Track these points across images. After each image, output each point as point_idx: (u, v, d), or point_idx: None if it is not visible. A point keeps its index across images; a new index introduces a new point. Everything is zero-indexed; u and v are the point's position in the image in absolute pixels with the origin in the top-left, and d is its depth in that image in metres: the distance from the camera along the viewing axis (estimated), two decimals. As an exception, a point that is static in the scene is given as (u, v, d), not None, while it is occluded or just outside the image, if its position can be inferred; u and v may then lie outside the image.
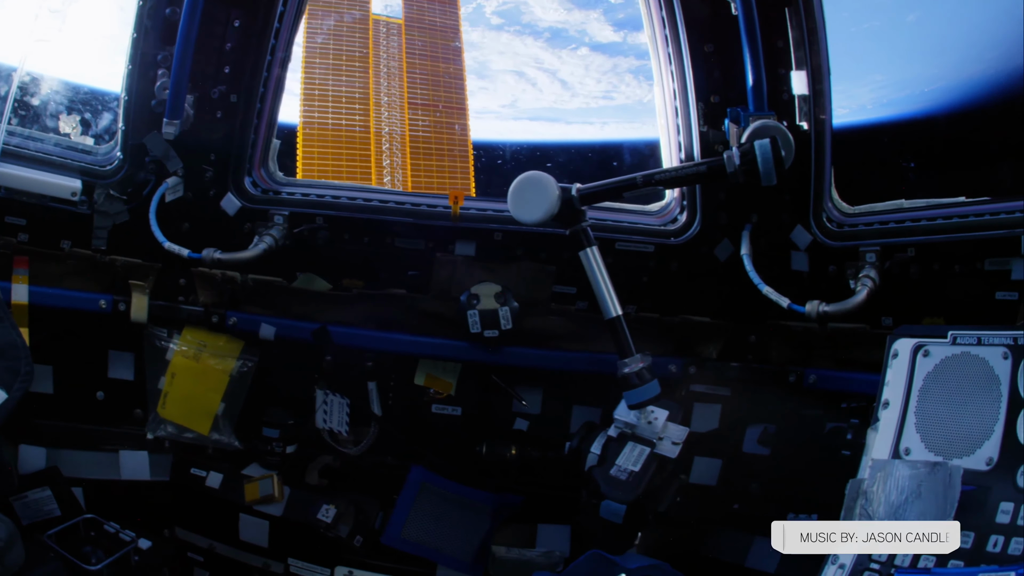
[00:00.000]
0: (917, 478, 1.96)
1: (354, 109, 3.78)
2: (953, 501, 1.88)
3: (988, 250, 2.43)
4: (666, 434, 2.29)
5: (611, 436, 2.31)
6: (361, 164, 3.73)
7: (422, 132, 3.81)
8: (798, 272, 2.53)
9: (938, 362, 2.06)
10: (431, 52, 3.94)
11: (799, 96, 2.39)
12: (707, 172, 2.16)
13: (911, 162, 3.16)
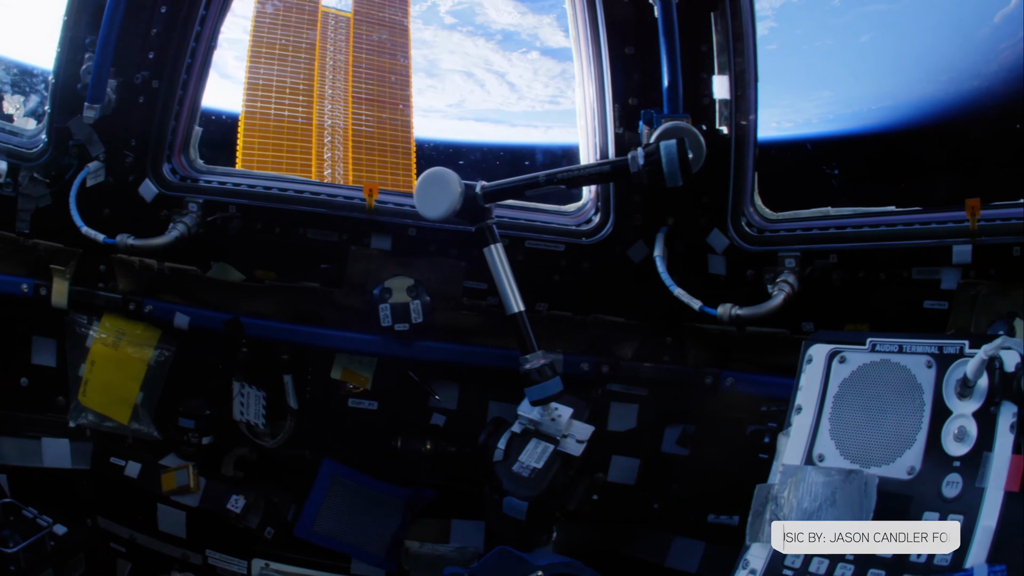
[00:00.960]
0: (831, 485, 1.94)
1: (298, 101, 3.73)
2: (869, 509, 1.87)
3: (916, 259, 2.44)
4: (570, 431, 2.27)
5: (515, 432, 2.28)
6: (302, 156, 3.69)
7: (365, 127, 3.77)
8: (715, 275, 2.53)
9: (855, 369, 2.06)
10: (379, 47, 3.91)
11: (720, 100, 2.39)
12: (610, 172, 2.15)
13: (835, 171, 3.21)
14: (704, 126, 2.38)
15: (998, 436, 1.82)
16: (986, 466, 1.81)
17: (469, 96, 3.94)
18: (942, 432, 1.90)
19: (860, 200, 2.67)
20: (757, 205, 2.54)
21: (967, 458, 1.84)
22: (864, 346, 2.07)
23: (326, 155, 3.67)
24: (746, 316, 2.29)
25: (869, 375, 2.05)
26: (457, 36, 4.03)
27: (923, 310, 2.46)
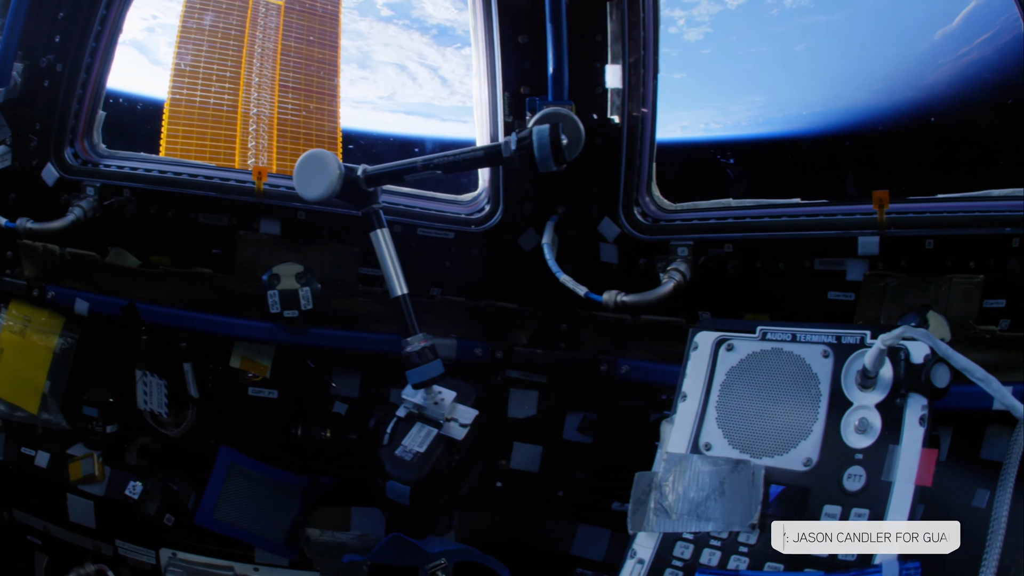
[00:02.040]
0: (719, 475, 1.91)
1: (224, 88, 3.75)
2: (757, 500, 1.85)
3: (819, 250, 2.47)
4: (454, 415, 2.29)
5: (399, 417, 2.30)
6: (226, 145, 3.71)
7: (291, 116, 3.80)
8: (607, 264, 2.56)
9: (744, 357, 2.05)
10: (308, 36, 3.94)
11: (612, 90, 2.40)
12: (484, 157, 2.17)
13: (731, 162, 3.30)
14: (595, 115, 2.42)
15: (905, 429, 1.83)
16: (893, 459, 1.81)
17: (401, 89, 3.98)
18: (841, 424, 1.88)
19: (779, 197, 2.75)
20: (654, 196, 2.58)
21: (870, 451, 1.83)
22: (754, 334, 2.06)
23: (250, 143, 3.71)
24: (632, 303, 2.31)
25: (759, 364, 2.04)
26: (393, 29, 4.06)
27: (828, 301, 2.50)
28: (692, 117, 3.63)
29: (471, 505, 2.82)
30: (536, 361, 2.65)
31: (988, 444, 2.57)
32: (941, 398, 1.85)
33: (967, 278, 2.42)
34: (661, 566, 1.90)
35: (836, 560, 1.76)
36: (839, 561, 1.76)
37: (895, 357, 1.87)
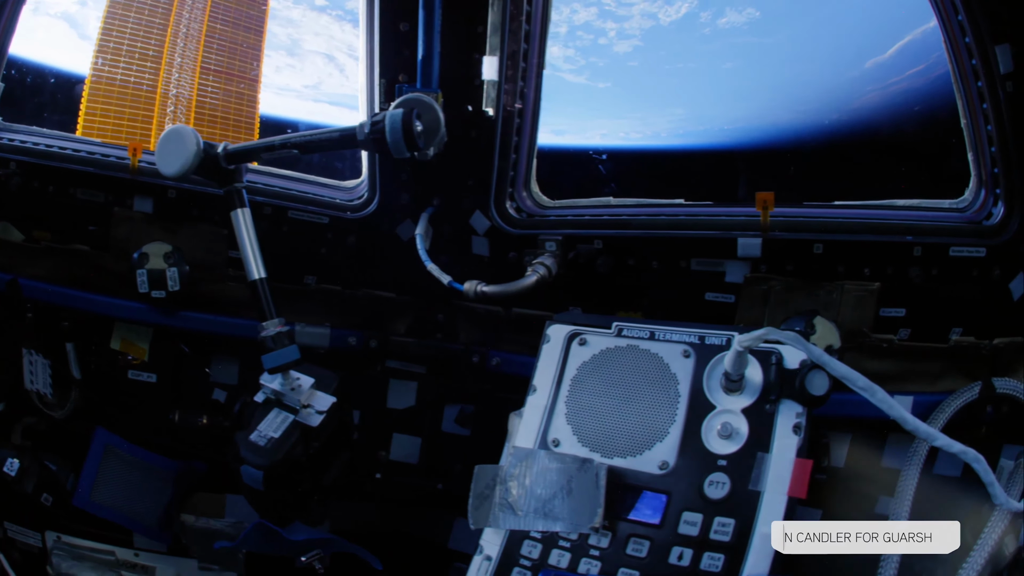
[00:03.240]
0: (566, 473, 1.89)
1: (145, 67, 3.85)
2: (598, 501, 1.84)
3: (696, 250, 2.53)
4: (311, 402, 2.34)
5: (257, 402, 2.36)
6: (143, 125, 3.81)
7: (210, 99, 3.89)
8: (479, 256, 2.64)
9: (597, 352, 2.06)
10: (234, 20, 4.03)
11: (488, 82, 2.46)
12: (338, 138, 2.19)
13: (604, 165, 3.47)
14: (470, 107, 2.49)
15: (777, 437, 1.84)
16: (762, 468, 1.81)
17: (327, 79, 4.07)
18: (703, 427, 1.90)
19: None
20: (533, 192, 2.66)
21: (736, 458, 1.84)
22: (609, 330, 2.08)
23: (167, 125, 3.82)
24: (491, 293, 2.38)
25: (612, 360, 2.06)
26: (325, 19, 4.17)
27: (705, 302, 2.57)
28: (613, 126, 3.85)
29: (349, 496, 2.90)
30: (411, 351, 2.73)
31: (889, 452, 2.63)
32: (819, 406, 1.87)
33: (861, 285, 2.50)
34: (509, 564, 1.92)
35: (698, 570, 1.77)
36: (700, 571, 1.77)
37: (765, 361, 1.90)
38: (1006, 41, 2.16)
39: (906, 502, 2.39)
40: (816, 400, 1.87)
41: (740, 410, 1.90)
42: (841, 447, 2.69)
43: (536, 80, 2.57)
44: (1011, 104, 2.22)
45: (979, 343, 2.54)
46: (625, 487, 1.90)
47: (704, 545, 1.80)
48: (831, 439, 2.67)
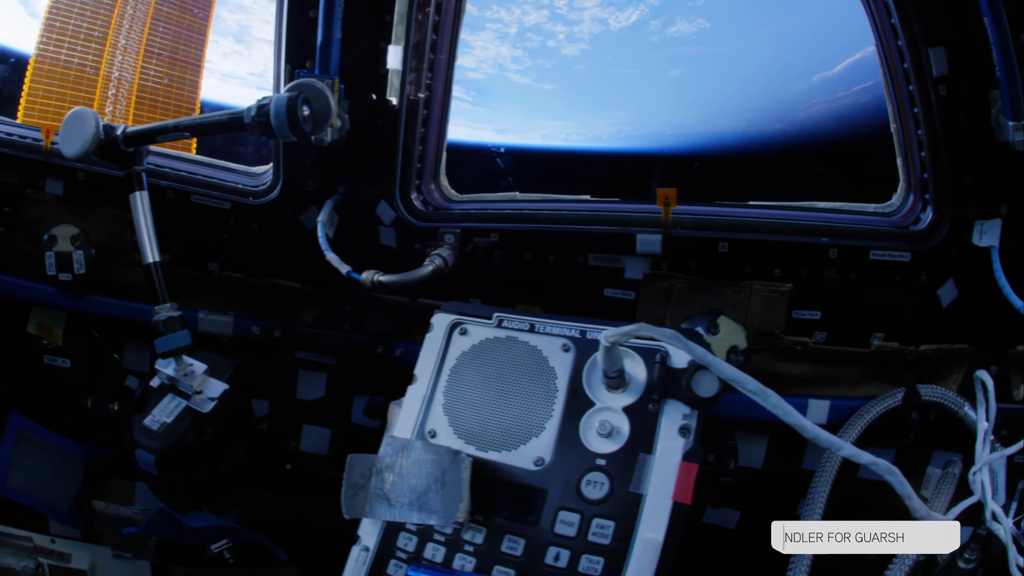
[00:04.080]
0: (441, 465, 1.88)
1: (90, 48, 3.94)
2: (460, 495, 1.82)
3: (594, 245, 2.56)
4: (203, 388, 2.44)
5: (153, 387, 2.45)
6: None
7: (152, 83, 3.99)
8: (386, 247, 2.73)
9: (476, 343, 2.07)
10: (180, 3, 4.12)
11: (392, 71, 2.53)
12: (227, 121, 2.25)
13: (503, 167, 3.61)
14: (375, 95, 2.56)
15: (661, 438, 1.83)
16: (644, 470, 1.80)
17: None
18: (581, 424, 1.89)
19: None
20: (442, 185, 2.75)
21: (616, 457, 1.83)
22: (490, 320, 2.09)
23: (107, 108, 3.91)
24: (387, 283, 2.45)
25: (491, 351, 2.06)
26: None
27: (604, 298, 2.62)
28: (555, 127, 3.99)
29: (259, 486, 2.99)
30: (317, 341, 2.81)
31: (809, 455, 2.71)
32: (708, 408, 1.86)
33: (771, 286, 2.54)
34: (386, 556, 1.94)
35: (576, 571, 1.77)
36: (579, 573, 1.76)
37: (650, 359, 1.90)
38: (941, 44, 2.19)
39: (819, 504, 2.39)
40: (704, 402, 1.86)
41: (621, 408, 1.90)
42: (759, 448, 2.71)
43: (446, 72, 2.65)
44: (943, 108, 2.26)
45: (904, 349, 2.58)
46: (500, 482, 1.91)
47: (582, 547, 1.79)
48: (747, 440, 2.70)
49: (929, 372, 2.64)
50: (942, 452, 2.69)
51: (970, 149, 2.31)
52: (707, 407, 1.87)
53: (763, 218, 2.54)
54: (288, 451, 2.97)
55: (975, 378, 2.54)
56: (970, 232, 2.41)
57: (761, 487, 2.73)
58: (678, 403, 1.86)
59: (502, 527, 1.87)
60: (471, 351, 2.09)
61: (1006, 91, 2.11)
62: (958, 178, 2.37)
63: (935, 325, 2.59)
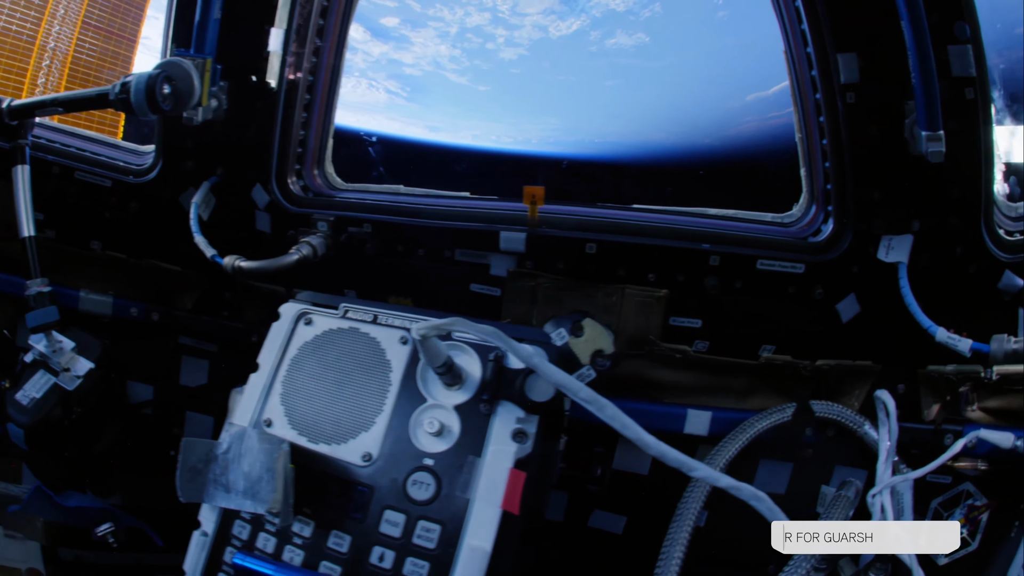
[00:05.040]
0: (273, 455, 1.92)
1: (28, 16, 4.07)
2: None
3: (460, 240, 2.63)
4: (70, 366, 2.55)
5: (26, 362, 2.58)
6: (16, 77, 4.04)
7: (86, 56, 4.11)
8: (262, 232, 2.81)
9: (319, 333, 2.12)
10: (125, -24, 4.23)
11: (272, 53, 2.61)
12: (95, 98, 2.32)
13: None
14: (255, 77, 2.64)
15: (492, 442, 1.85)
16: (473, 474, 1.82)
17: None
18: (411, 421, 1.93)
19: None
20: (327, 171, 2.83)
21: (445, 458, 1.86)
22: (336, 310, 2.14)
23: (40, 80, 4.04)
24: (248, 269, 2.54)
25: (333, 342, 2.09)
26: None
27: (471, 293, 2.68)
28: (486, 128, 4.14)
29: (144, 472, 3.09)
30: (194, 327, 2.91)
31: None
32: (543, 413, 1.88)
33: (645, 291, 2.56)
34: (222, 543, 2.00)
35: (400, 572, 1.81)
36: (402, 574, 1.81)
37: (486, 357, 1.93)
38: (853, 50, 2.19)
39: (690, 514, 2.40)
40: (538, 406, 1.86)
41: (453, 406, 1.92)
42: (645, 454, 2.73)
43: (333, 59, 2.74)
44: (851, 117, 2.27)
45: (798, 363, 2.60)
46: (328, 476, 1.94)
47: (407, 549, 1.83)
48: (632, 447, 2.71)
49: (829, 388, 2.65)
50: (846, 468, 2.71)
51: (881, 161, 2.30)
52: (542, 412, 1.88)
53: (635, 221, 2.57)
54: (172, 438, 3.05)
55: (875, 397, 2.56)
56: (876, 247, 2.40)
57: (647, 493, 2.76)
58: (513, 406, 1.87)
59: (329, 522, 1.92)
60: (313, 341, 2.13)
61: (921, 99, 2.10)
62: (864, 190, 2.36)
63: (834, 340, 2.60)
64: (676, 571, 2.15)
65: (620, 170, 3.90)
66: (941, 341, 2.30)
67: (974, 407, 2.60)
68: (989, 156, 2.26)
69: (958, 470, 2.61)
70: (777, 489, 2.77)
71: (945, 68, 2.11)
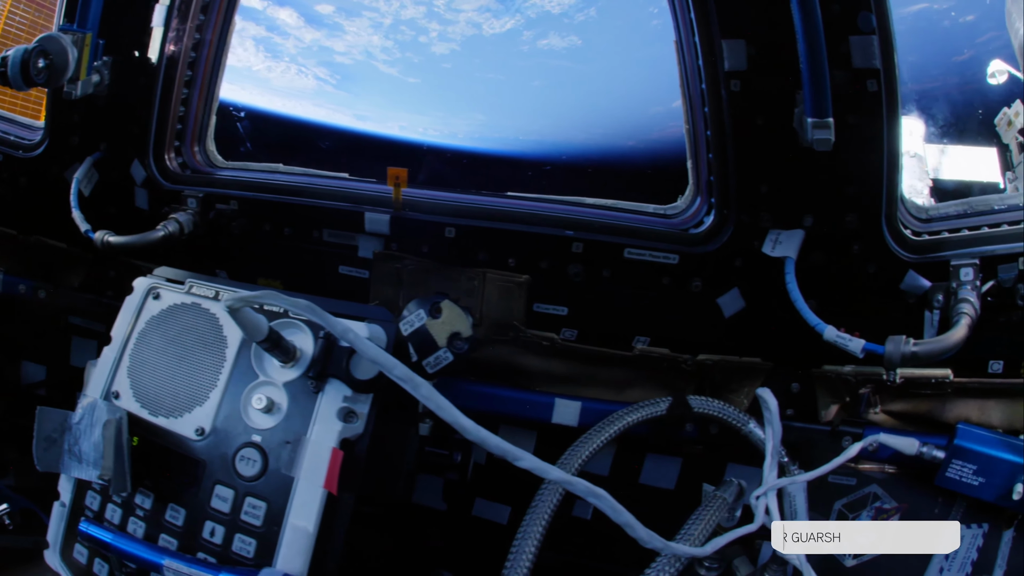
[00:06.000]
0: (116, 426, 2.01)
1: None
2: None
3: (328, 221, 2.67)
4: None
5: None
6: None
7: (16, 29, 4.20)
8: (141, 209, 2.89)
9: (165, 308, 2.22)
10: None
11: (155, 28, 2.66)
12: None
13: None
14: (137, 53, 2.71)
15: (318, 420, 1.91)
16: (298, 452, 1.88)
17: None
18: (243, 396, 2.00)
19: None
20: (208, 149, 2.92)
21: (272, 435, 1.93)
22: (183, 286, 2.25)
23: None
24: (116, 244, 2.64)
25: (176, 317, 2.19)
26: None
27: (340, 275, 2.74)
28: (414, 120, 4.28)
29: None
30: (80, 306, 3.00)
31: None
32: (369, 392, 1.92)
33: (505, 275, 2.61)
34: (77, 513, 2.10)
35: (230, 552, 1.89)
36: (232, 553, 1.89)
37: (316, 334, 1.98)
38: (742, 38, 2.17)
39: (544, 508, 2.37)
40: (363, 385, 1.91)
41: (283, 383, 1.97)
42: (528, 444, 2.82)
43: (218, 36, 2.82)
44: (736, 106, 2.25)
45: (678, 357, 2.60)
46: (165, 450, 2.03)
47: (235, 525, 1.90)
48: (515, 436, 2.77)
49: (715, 384, 2.66)
50: (740, 466, 2.72)
51: (769, 153, 2.29)
52: (367, 390, 1.92)
53: (495, 206, 2.61)
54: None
55: (758, 395, 2.52)
56: (761, 240, 2.39)
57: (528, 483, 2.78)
58: (341, 384, 1.92)
59: (167, 495, 2.00)
60: (159, 315, 2.23)
61: (808, 83, 2.06)
62: (749, 182, 2.35)
63: (718, 335, 2.61)
64: (527, 568, 2.15)
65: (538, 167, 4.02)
66: (829, 340, 2.28)
67: (877, 410, 2.58)
68: (894, 152, 2.23)
69: (864, 472, 2.60)
70: (666, 484, 2.80)
71: (846, 59, 2.09)
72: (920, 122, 4.99)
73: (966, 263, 2.33)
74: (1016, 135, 5.03)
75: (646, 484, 2.81)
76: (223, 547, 1.89)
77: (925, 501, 2.54)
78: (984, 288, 2.33)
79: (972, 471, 2.35)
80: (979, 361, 2.47)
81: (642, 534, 1.75)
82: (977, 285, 2.32)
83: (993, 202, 2.48)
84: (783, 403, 2.57)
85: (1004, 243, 2.34)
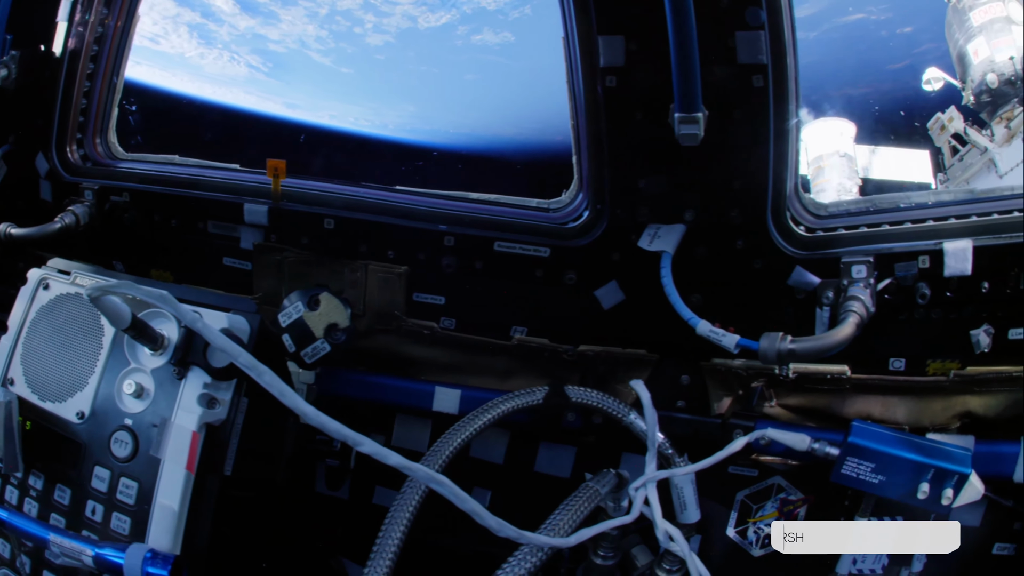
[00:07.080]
0: (8, 409, 2.16)
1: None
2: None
3: (212, 212, 2.81)
4: None
5: None
6: None
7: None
8: (45, 202, 3.08)
9: (53, 297, 2.38)
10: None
11: (60, 22, 2.86)
12: None
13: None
14: (43, 47, 2.90)
15: (181, 405, 2.09)
16: (163, 435, 2.06)
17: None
18: (117, 381, 2.17)
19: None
20: (110, 141, 3.11)
21: (142, 418, 2.09)
22: (69, 276, 2.41)
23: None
24: (17, 236, 2.84)
25: (62, 306, 2.35)
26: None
27: (225, 267, 2.90)
28: (345, 110, 4.42)
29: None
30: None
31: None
32: (226, 379, 2.08)
33: (386, 267, 2.80)
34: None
35: (109, 529, 2.06)
36: (111, 531, 2.06)
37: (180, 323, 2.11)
38: (620, 34, 2.27)
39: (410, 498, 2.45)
40: (219, 372, 2.07)
41: (151, 369, 2.15)
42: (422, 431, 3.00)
43: (121, 28, 3.01)
44: (612, 101, 2.34)
45: (558, 347, 2.75)
46: (51, 432, 2.21)
47: (112, 504, 2.09)
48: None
49: (599, 375, 2.78)
50: (634, 455, 2.85)
51: (646, 148, 2.38)
52: (225, 378, 2.08)
53: (373, 199, 2.76)
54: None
55: (631, 386, 2.65)
56: (639, 235, 2.50)
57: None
58: (202, 371, 2.08)
59: (56, 476, 2.19)
60: (48, 305, 2.40)
61: (677, 78, 2.13)
62: (626, 178, 2.46)
63: (599, 327, 2.73)
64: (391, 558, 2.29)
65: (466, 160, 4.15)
66: (702, 334, 2.38)
67: (772, 403, 2.69)
68: (781, 148, 2.31)
69: (766, 464, 2.73)
70: (561, 473, 2.96)
71: (731, 54, 2.18)
72: (851, 124, 5.18)
73: (858, 260, 2.42)
74: (948, 139, 5.24)
75: (541, 472, 2.98)
76: (103, 524, 2.08)
77: (833, 494, 2.63)
78: (880, 286, 2.43)
79: (870, 469, 2.43)
80: (881, 358, 2.59)
81: (491, 523, 1.81)
82: (871, 283, 2.42)
83: (899, 200, 2.55)
84: (673, 395, 2.76)
85: (903, 241, 2.42)
